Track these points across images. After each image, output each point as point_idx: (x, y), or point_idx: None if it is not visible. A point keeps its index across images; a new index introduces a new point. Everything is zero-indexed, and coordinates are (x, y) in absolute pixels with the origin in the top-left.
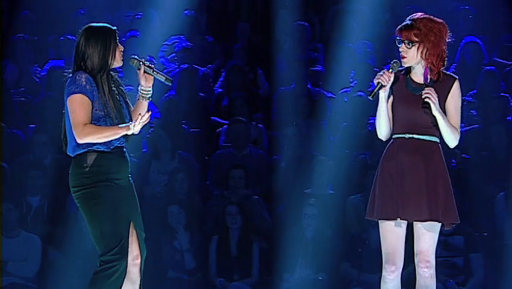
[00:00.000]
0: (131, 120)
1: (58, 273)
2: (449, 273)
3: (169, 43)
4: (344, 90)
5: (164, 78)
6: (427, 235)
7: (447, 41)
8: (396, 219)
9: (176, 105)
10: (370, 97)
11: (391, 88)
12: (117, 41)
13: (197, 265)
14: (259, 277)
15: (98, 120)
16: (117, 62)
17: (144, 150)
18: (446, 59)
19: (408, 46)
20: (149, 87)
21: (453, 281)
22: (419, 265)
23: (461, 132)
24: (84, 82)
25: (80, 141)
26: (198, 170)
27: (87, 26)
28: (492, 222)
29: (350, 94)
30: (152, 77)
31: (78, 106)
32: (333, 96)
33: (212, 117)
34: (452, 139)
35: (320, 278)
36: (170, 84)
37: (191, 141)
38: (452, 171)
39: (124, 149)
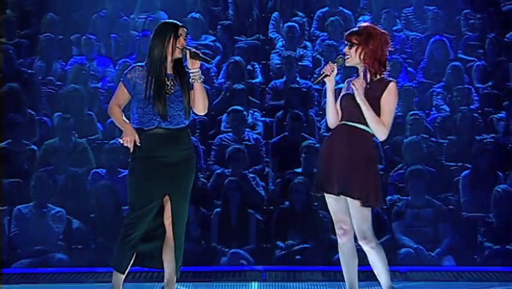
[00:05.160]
0: (183, 110)
1: (80, 242)
2: (420, 240)
3: None
4: None
5: (206, 60)
6: (354, 213)
7: (388, 49)
8: (322, 193)
9: None
10: (314, 83)
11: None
12: (177, 35)
13: (202, 234)
14: (256, 245)
15: (138, 102)
16: (174, 55)
17: None
18: (388, 65)
19: (349, 47)
20: (196, 68)
21: (423, 247)
22: (359, 242)
23: (432, 118)
24: (129, 73)
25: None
26: (202, 151)
27: (159, 22)
28: (457, 197)
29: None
30: (198, 61)
31: (116, 90)
32: (319, 87)
33: (215, 105)
34: (376, 130)
35: (308, 246)
36: (211, 64)
37: (197, 127)
38: (425, 153)
39: (180, 130)
